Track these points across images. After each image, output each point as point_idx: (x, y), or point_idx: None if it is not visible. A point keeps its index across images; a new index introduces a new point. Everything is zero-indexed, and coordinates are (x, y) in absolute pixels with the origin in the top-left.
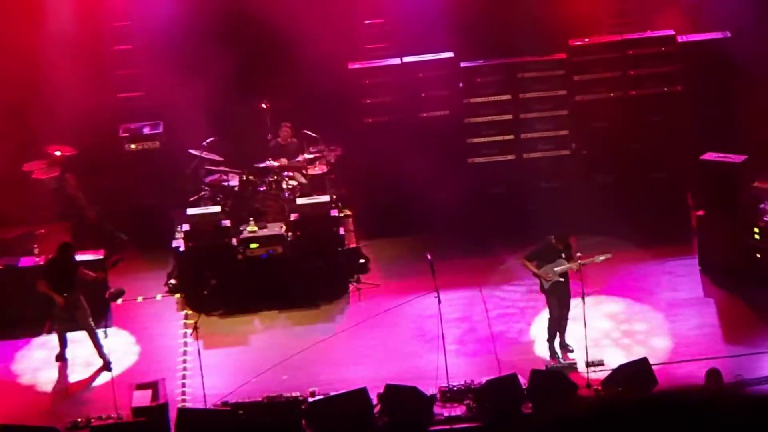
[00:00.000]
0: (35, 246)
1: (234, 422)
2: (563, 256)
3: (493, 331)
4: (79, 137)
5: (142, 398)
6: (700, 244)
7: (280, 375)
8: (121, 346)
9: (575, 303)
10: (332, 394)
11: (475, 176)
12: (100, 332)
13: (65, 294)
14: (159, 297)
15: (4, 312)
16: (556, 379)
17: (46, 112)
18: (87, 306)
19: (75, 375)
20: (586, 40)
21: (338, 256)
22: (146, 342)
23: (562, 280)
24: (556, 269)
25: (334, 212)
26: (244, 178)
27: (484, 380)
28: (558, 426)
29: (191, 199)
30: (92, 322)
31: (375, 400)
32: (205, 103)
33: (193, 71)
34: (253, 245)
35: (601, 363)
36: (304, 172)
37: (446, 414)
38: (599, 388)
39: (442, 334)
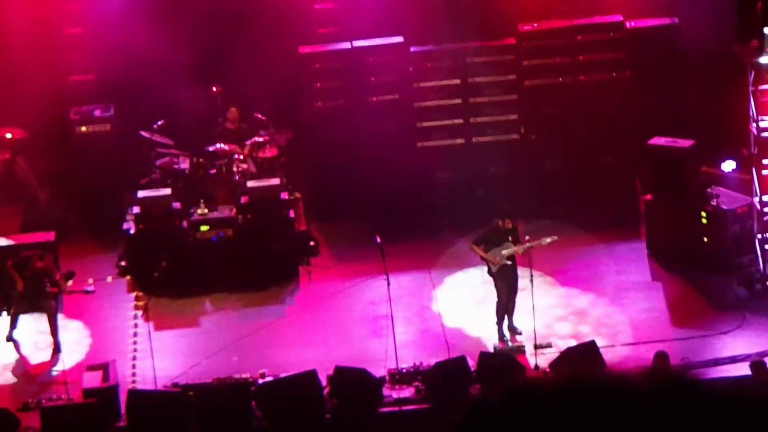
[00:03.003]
0: None
1: (184, 404)
2: (510, 239)
3: (442, 314)
4: (29, 120)
5: (93, 379)
6: (648, 228)
7: (231, 357)
8: (72, 328)
9: (522, 285)
10: (282, 376)
11: (425, 160)
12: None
13: (29, 286)
14: (109, 279)
15: None
16: (504, 361)
17: None
18: (49, 294)
19: (25, 356)
20: (536, 25)
21: (288, 239)
22: (97, 324)
23: (509, 263)
24: (503, 252)
25: (285, 195)
26: (195, 161)
27: (432, 362)
28: (506, 407)
29: (142, 182)
30: (53, 304)
31: (324, 382)
32: (156, 86)
33: (144, 54)
34: (204, 228)
35: (549, 345)
36: (253, 155)
37: (395, 396)
38: (547, 370)
39: (392, 317)
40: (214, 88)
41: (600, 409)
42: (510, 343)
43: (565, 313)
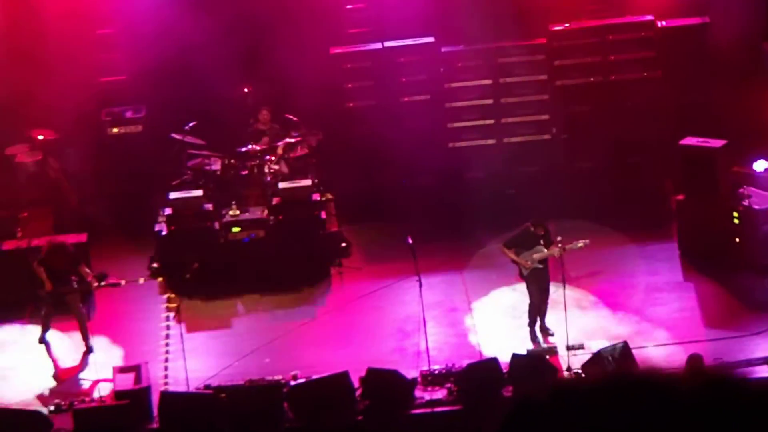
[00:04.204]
0: (18, 229)
1: (216, 405)
2: (542, 242)
3: (474, 315)
4: (61, 121)
5: (125, 381)
6: (680, 228)
7: (262, 358)
8: (104, 330)
9: (555, 287)
10: (314, 377)
11: (456, 161)
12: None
13: (56, 284)
14: (141, 281)
15: None
16: (536, 362)
17: (28, 96)
18: (77, 289)
19: (57, 358)
20: (567, 25)
21: (320, 240)
22: (129, 325)
23: (541, 266)
24: (534, 256)
25: (316, 196)
26: (226, 162)
27: (464, 364)
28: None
29: (173, 183)
30: (82, 306)
31: (356, 384)
32: (188, 87)
33: (176, 55)
34: (235, 229)
35: (581, 347)
36: (285, 156)
37: (427, 397)
38: (580, 371)
39: (423, 318)
40: (245, 89)
41: (645, 407)
42: (542, 345)
43: (596, 314)
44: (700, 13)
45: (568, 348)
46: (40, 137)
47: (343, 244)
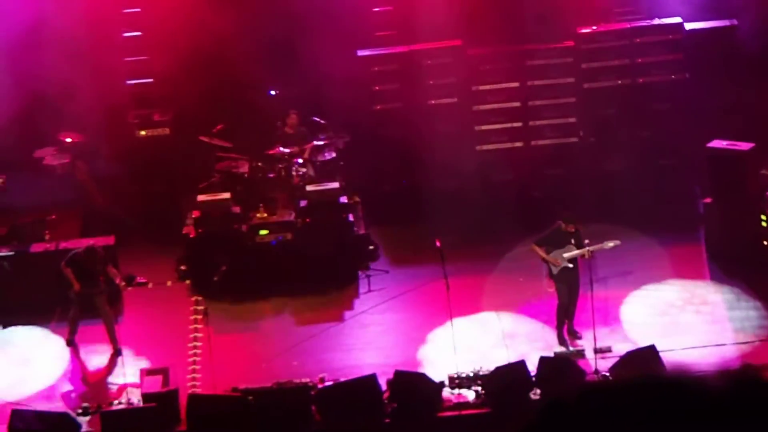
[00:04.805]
0: (46, 232)
1: (244, 408)
2: (572, 242)
3: (502, 318)
4: (89, 124)
5: (153, 384)
6: (708, 231)
7: (290, 361)
8: (132, 332)
9: (584, 290)
10: (342, 380)
11: (483, 163)
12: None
13: (84, 284)
14: (169, 283)
15: (14, 298)
16: (564, 365)
17: (56, 99)
18: (106, 291)
19: (85, 360)
20: (594, 27)
21: (348, 243)
22: (157, 328)
23: (571, 266)
24: (564, 255)
25: (344, 199)
26: (254, 164)
27: (492, 367)
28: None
29: (201, 186)
30: (109, 308)
31: (384, 387)
32: (215, 90)
33: (203, 58)
34: (263, 232)
35: (609, 350)
36: (312, 158)
37: (455, 400)
38: (608, 374)
39: (451, 321)
40: (273, 92)
41: (672, 409)
42: (570, 347)
43: (625, 316)
44: (728, 15)
45: (596, 351)
46: (68, 140)
47: (371, 247)
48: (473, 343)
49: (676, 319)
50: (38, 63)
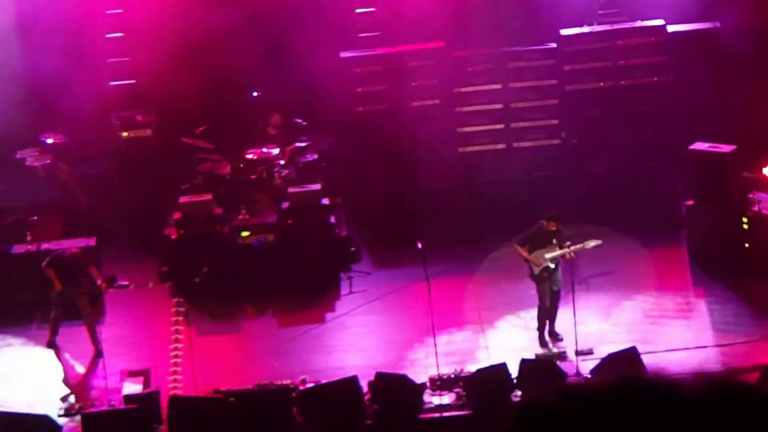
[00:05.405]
0: (28, 233)
1: (225, 410)
2: (554, 241)
3: (483, 320)
4: (71, 125)
5: (134, 386)
6: (689, 233)
7: (272, 363)
8: (113, 334)
9: (565, 291)
10: (323, 382)
11: (466, 165)
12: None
13: (66, 285)
14: (151, 285)
15: None
16: (545, 367)
17: (38, 100)
18: (87, 292)
19: (66, 362)
20: (577, 30)
21: (329, 245)
22: (138, 329)
23: (552, 266)
24: (546, 255)
25: (326, 201)
26: (236, 166)
27: (473, 369)
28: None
29: (183, 187)
30: (90, 309)
31: (365, 388)
32: (198, 92)
33: (186, 59)
34: (245, 233)
35: (590, 352)
36: (294, 160)
37: (436, 402)
38: (589, 376)
39: (433, 323)
40: (255, 93)
41: (653, 412)
42: (551, 349)
43: (605, 318)
44: (711, 18)
45: (577, 353)
46: (50, 141)
47: (353, 249)
48: (454, 345)
49: (658, 321)
50: (20, 64)
